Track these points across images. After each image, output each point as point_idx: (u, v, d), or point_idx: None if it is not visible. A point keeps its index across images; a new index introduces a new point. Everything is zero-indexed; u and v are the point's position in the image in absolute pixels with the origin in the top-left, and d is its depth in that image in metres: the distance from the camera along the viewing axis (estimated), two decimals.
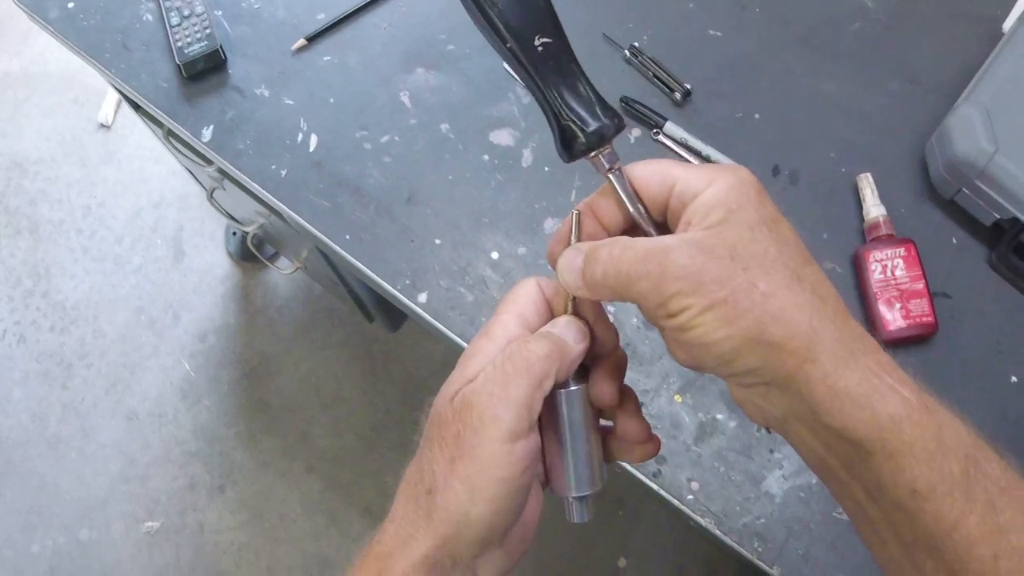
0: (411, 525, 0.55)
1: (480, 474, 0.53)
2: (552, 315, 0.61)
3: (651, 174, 0.56)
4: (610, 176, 0.57)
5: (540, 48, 0.56)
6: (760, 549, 1.01)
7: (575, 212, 0.59)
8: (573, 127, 0.57)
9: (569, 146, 0.57)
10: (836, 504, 1.00)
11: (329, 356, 2.38)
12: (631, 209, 0.57)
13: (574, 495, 0.60)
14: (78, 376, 2.39)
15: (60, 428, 2.35)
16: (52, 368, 2.41)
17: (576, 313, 0.60)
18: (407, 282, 1.10)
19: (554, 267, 0.58)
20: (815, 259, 0.53)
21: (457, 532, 0.53)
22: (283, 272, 1.83)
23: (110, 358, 2.41)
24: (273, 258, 2.23)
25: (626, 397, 0.62)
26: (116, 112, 2.66)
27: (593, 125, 0.56)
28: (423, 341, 2.31)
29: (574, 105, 0.57)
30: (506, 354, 0.56)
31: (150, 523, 2.26)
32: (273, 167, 1.16)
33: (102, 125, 2.65)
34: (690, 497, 1.02)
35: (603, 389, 0.59)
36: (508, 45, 0.56)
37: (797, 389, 0.48)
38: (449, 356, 1.04)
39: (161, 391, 2.37)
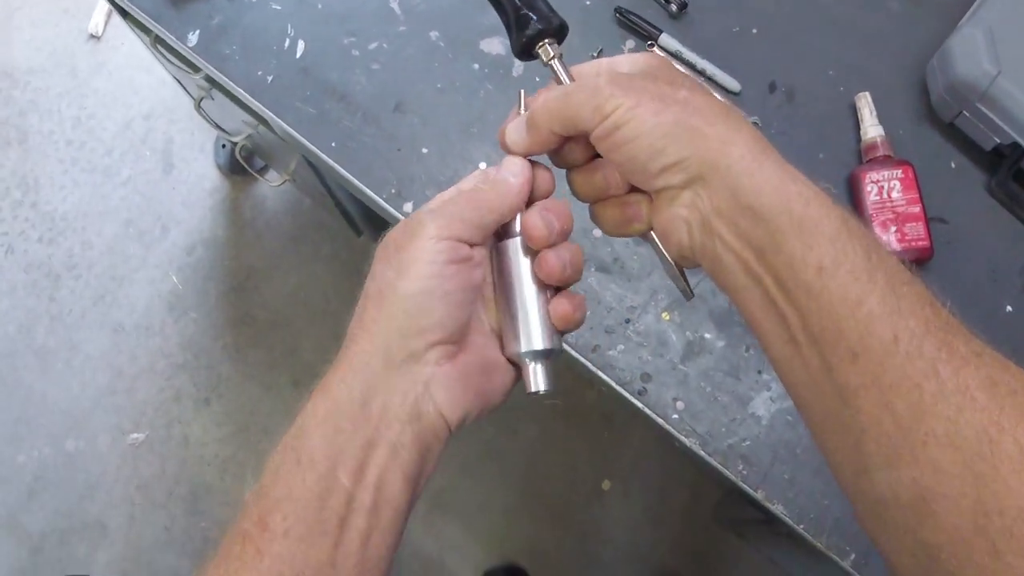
0: (351, 336, 0.61)
1: (407, 259, 0.58)
2: None
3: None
4: (553, 63, 0.63)
5: None
6: (745, 472, 1.01)
7: (520, 91, 0.65)
8: (525, 21, 0.63)
9: (517, 42, 0.64)
10: None
11: (317, 270, 2.37)
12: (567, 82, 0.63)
13: (524, 350, 0.62)
14: (66, 287, 2.38)
15: (47, 339, 2.34)
16: (40, 279, 2.39)
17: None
18: (393, 191, 1.08)
19: (504, 146, 0.63)
20: (810, 177, 0.56)
21: (389, 312, 0.58)
22: (272, 184, 1.81)
23: (98, 270, 2.39)
24: (262, 171, 2.21)
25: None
26: (107, 23, 2.61)
27: (537, 19, 0.63)
28: None
29: (523, 5, 0.64)
30: (467, 184, 0.63)
31: (136, 435, 2.26)
32: (259, 73, 1.13)
33: (92, 36, 2.60)
34: (675, 416, 1.01)
35: (534, 221, 0.61)
36: None
37: (718, 173, 0.53)
38: None
39: (148, 303, 2.36)
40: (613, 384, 1.02)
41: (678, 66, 1.12)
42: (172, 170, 2.46)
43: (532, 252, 0.62)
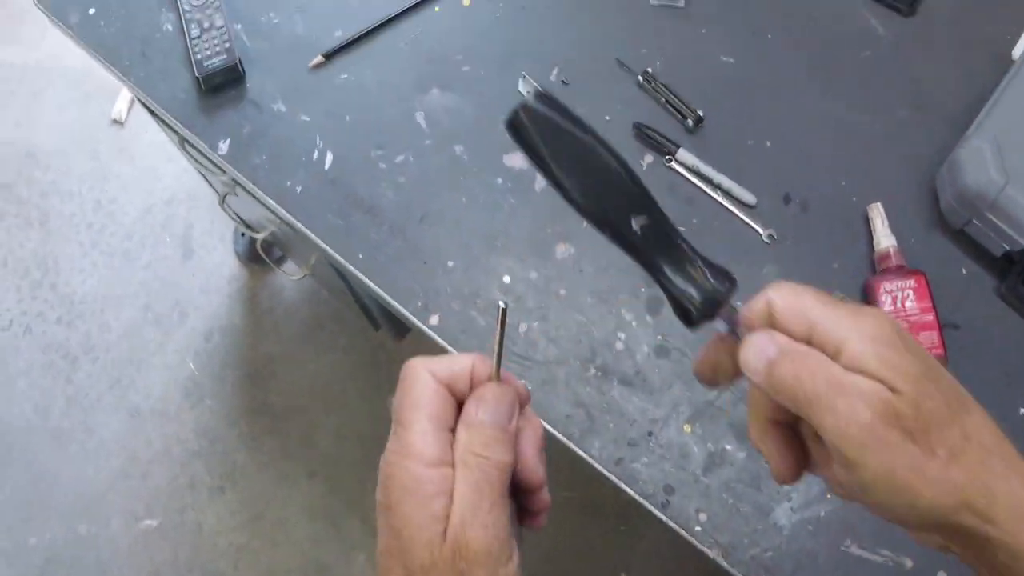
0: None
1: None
2: (458, 390, 0.60)
3: (791, 313, 0.54)
4: (738, 329, 0.57)
5: (639, 230, 0.57)
6: None
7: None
8: (683, 301, 0.58)
9: (686, 318, 0.58)
10: (844, 537, 1.02)
11: (334, 361, 2.38)
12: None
13: None
14: (82, 370, 2.39)
15: (63, 421, 2.35)
16: (57, 360, 2.40)
17: (504, 379, 0.61)
18: (419, 304, 1.11)
19: (705, 379, 0.60)
20: (825, 289, 0.55)
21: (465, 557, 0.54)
22: (291, 278, 1.84)
23: (115, 353, 2.41)
24: (280, 261, 2.23)
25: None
26: (130, 109, 2.66)
27: (699, 298, 0.57)
28: (428, 349, 2.17)
29: (679, 280, 0.58)
30: (478, 477, 0.55)
31: (149, 520, 2.25)
32: (288, 183, 1.17)
33: (115, 121, 2.65)
34: (698, 528, 1.03)
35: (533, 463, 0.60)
36: (607, 232, 0.58)
37: (977, 547, 0.50)
38: None
39: (165, 389, 2.37)
40: (637, 497, 1.04)
41: (695, 180, 1.16)
42: (192, 256, 2.49)
43: None
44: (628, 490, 1.04)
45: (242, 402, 2.36)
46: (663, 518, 1.03)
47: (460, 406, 0.59)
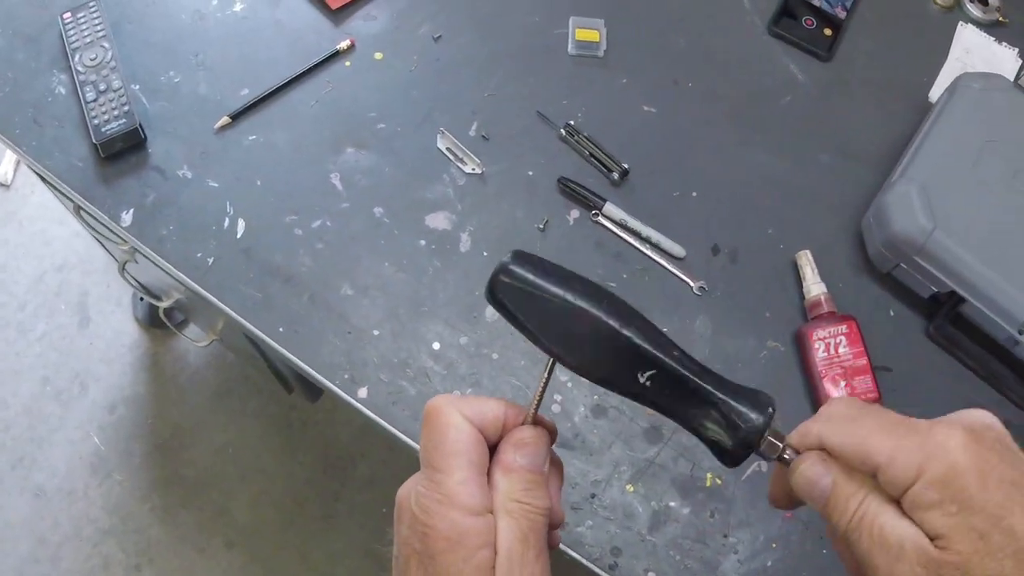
0: None
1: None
2: (489, 435, 0.58)
3: (852, 453, 0.52)
4: (785, 454, 0.55)
5: (648, 383, 0.55)
6: None
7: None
8: (717, 444, 0.56)
9: (723, 459, 0.56)
10: None
11: (245, 425, 2.31)
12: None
13: None
14: None
15: None
16: None
17: (536, 421, 0.59)
18: (346, 376, 1.06)
19: (782, 506, 0.59)
20: (758, 337, 0.53)
21: None
22: (198, 345, 1.77)
23: (15, 431, 2.29)
24: (183, 325, 2.16)
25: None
26: (15, 171, 2.55)
27: (731, 442, 0.55)
28: (343, 408, 2.17)
29: (706, 426, 0.56)
30: (524, 525, 0.54)
31: None
32: (199, 254, 1.11)
33: (0, 184, 2.54)
34: None
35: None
36: (616, 391, 0.57)
37: None
38: (370, 424, 1.02)
39: (70, 466, 2.26)
40: (584, 561, 1.01)
41: (623, 235, 1.14)
42: (89, 324, 2.39)
43: None
44: (575, 555, 1.01)
45: (152, 475, 2.26)
46: None
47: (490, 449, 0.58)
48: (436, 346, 1.08)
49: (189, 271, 1.11)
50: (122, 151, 1.15)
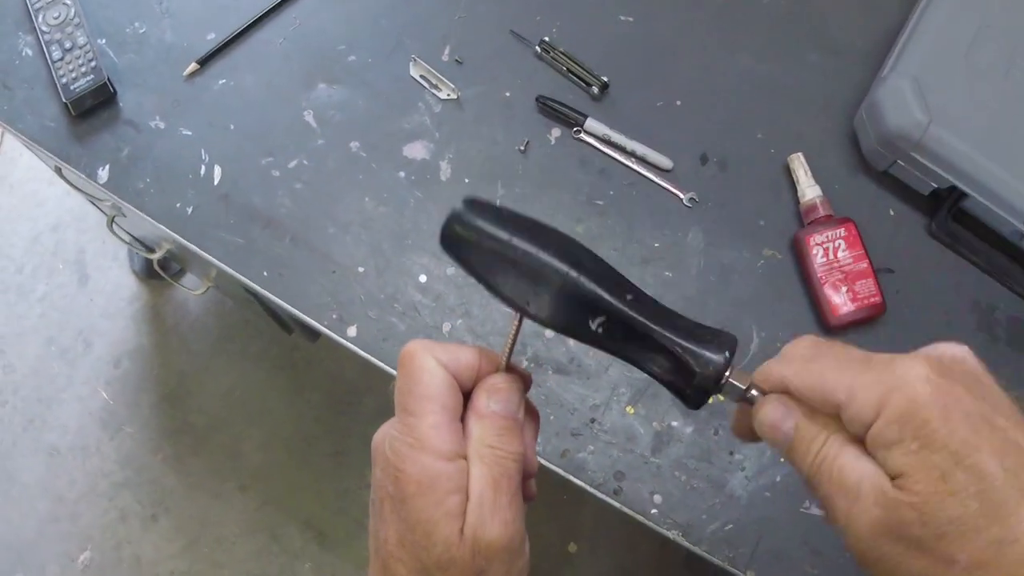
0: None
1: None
2: (463, 381, 0.57)
3: (812, 393, 0.50)
4: (749, 393, 0.54)
5: (600, 330, 0.54)
6: (731, 555, 0.98)
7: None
8: (674, 392, 0.55)
9: (684, 403, 0.55)
10: (803, 499, 0.99)
11: (249, 369, 2.31)
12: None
13: None
14: None
15: None
16: None
17: (509, 369, 0.58)
18: (334, 316, 1.04)
19: (747, 439, 0.57)
20: (754, 246, 0.52)
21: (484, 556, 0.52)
22: (193, 293, 1.76)
23: (24, 393, 2.30)
24: (179, 275, 2.15)
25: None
26: (2, 135, 2.53)
27: (686, 387, 0.54)
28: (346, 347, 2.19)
29: (661, 370, 0.55)
30: (496, 471, 0.53)
31: (85, 561, 2.17)
32: (178, 205, 1.09)
33: None
34: (654, 511, 0.99)
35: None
36: (573, 337, 0.56)
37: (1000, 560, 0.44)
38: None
39: (80, 423, 2.28)
40: (587, 487, 0.99)
41: (607, 150, 1.11)
42: (88, 281, 2.39)
43: None
44: (578, 481, 0.99)
45: (162, 425, 2.27)
46: (618, 506, 0.98)
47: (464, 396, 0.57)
48: (423, 279, 1.05)
49: (169, 222, 1.09)
50: (93, 107, 1.12)
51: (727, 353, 0.53)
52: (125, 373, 2.32)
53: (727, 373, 0.53)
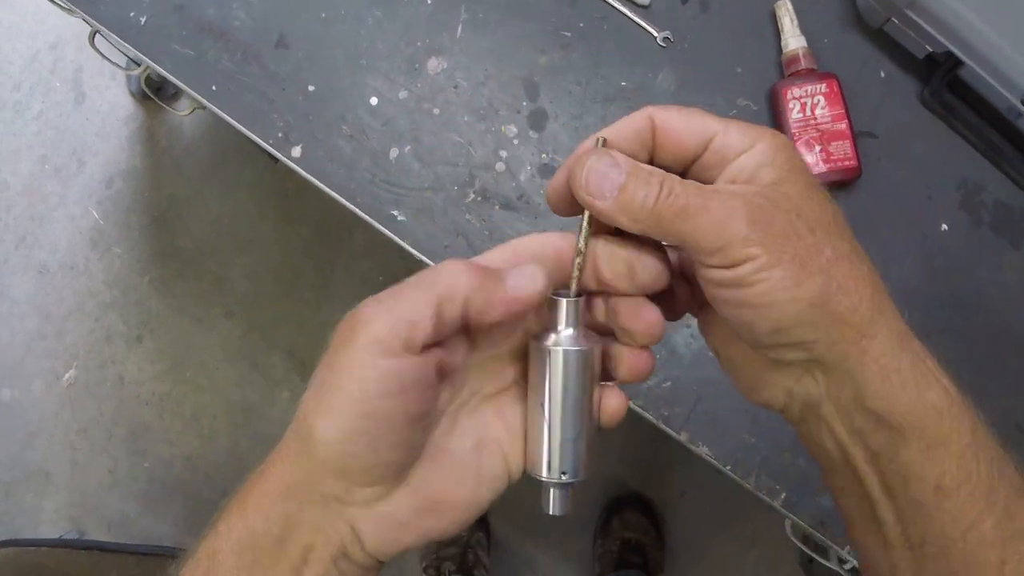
0: (279, 451, 0.50)
1: (332, 387, 0.46)
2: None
3: (685, 125, 0.49)
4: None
5: None
6: (667, 414, 0.96)
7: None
8: None
9: None
10: None
11: (241, 196, 2.29)
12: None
13: (547, 478, 0.52)
14: None
15: None
16: None
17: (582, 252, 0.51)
18: (280, 135, 1.00)
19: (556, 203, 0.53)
20: (727, 94, 0.50)
21: (308, 452, 0.47)
22: (179, 114, 1.71)
23: (16, 211, 2.30)
24: (174, 98, 2.11)
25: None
26: None
27: None
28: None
29: None
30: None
31: (70, 379, 2.22)
32: (132, 14, 1.03)
33: None
34: None
35: (640, 366, 0.53)
36: None
37: (848, 368, 0.46)
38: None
39: (71, 241, 2.28)
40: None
41: None
42: (84, 100, 2.35)
43: (593, 373, 0.51)
44: None
45: (151, 247, 2.28)
46: None
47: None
48: (374, 101, 1.01)
49: (121, 31, 1.04)
50: None
51: None
52: (117, 193, 2.30)
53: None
